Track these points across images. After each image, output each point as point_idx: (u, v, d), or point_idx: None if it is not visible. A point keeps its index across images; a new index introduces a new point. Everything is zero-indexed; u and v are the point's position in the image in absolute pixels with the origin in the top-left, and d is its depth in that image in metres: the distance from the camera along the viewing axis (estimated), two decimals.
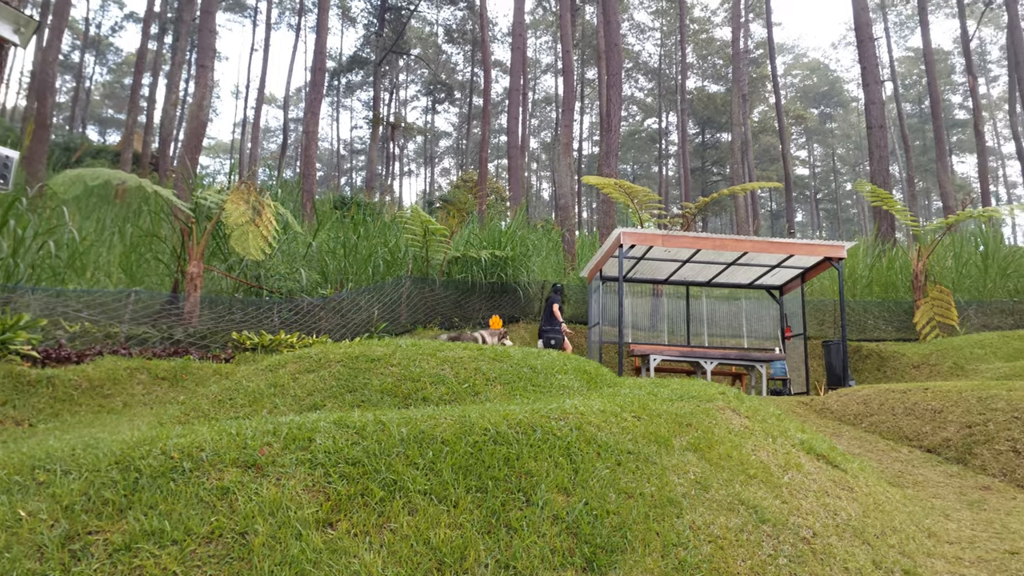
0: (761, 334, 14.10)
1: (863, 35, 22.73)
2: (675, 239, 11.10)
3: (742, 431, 5.35)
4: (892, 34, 56.78)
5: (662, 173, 56.01)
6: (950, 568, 4.64)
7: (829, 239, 25.52)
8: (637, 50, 54.87)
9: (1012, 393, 7.94)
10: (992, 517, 5.86)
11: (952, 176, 51.30)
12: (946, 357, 11.47)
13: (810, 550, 4.14)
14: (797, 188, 64.47)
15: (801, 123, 61.38)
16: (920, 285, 13.55)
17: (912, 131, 57.43)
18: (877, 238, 20.11)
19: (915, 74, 57.39)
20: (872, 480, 5.69)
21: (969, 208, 14.57)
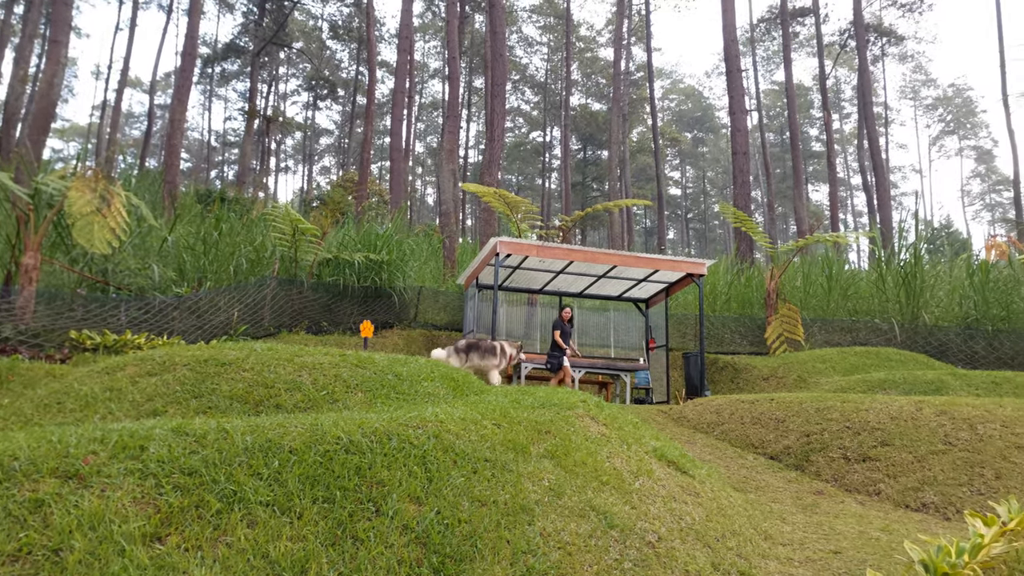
0: (628, 345, 14.67)
1: (732, 66, 24.26)
2: (549, 250, 11.35)
3: (599, 438, 5.49)
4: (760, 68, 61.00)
5: (545, 186, 57.20)
6: (781, 568, 4.96)
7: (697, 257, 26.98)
8: (525, 63, 55.88)
9: (845, 404, 8.65)
10: (822, 520, 6.33)
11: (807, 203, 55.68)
12: (792, 370, 12.37)
13: (654, 554, 4.30)
14: (670, 207, 67.77)
15: (676, 145, 64.68)
16: (772, 303, 14.57)
17: (774, 159, 61.84)
18: (737, 257, 21.46)
19: (779, 106, 61.82)
20: (718, 486, 6.00)
21: (817, 233, 15.84)
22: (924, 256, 25.14)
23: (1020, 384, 10.04)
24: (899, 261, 16.37)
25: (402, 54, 26.56)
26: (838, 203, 51.34)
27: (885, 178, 47.51)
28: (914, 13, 47.38)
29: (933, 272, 17.50)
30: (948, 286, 16.70)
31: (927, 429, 7.71)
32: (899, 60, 66.25)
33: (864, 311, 16.31)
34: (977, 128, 71.37)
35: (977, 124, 71.09)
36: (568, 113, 43.41)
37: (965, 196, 74.22)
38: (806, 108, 62.41)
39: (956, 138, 73.28)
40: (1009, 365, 13.47)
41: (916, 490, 7.12)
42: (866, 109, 37.59)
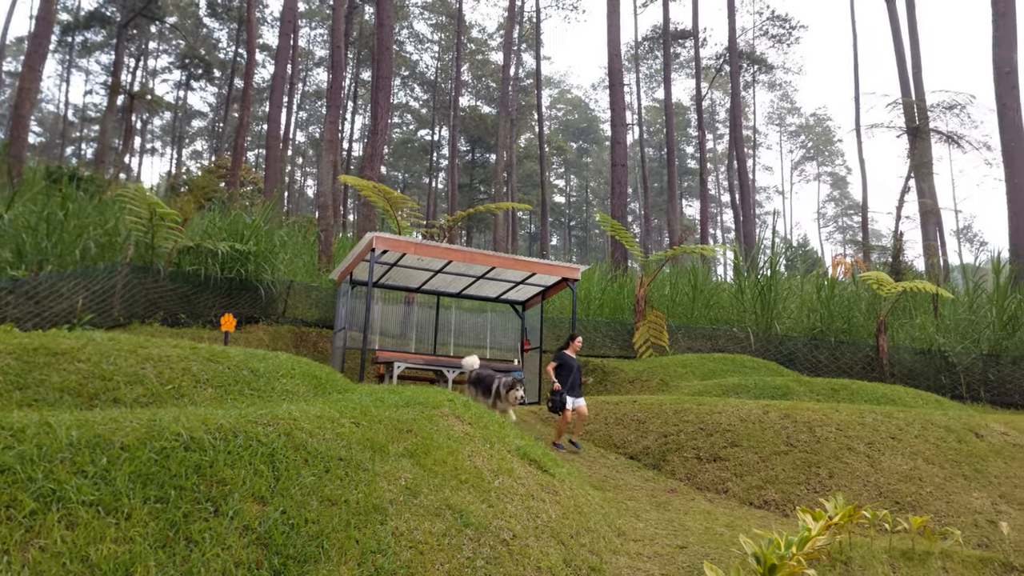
0: (504, 346, 14.81)
1: (615, 80, 25.11)
2: (427, 248, 11.25)
3: (462, 437, 5.47)
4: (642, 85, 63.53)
5: (432, 185, 56.87)
6: (631, 563, 5.13)
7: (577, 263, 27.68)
8: (415, 59, 55.35)
9: (701, 407, 9.11)
10: (673, 516, 6.63)
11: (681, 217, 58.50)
12: (656, 374, 12.93)
13: (508, 551, 4.32)
14: (554, 214, 69.27)
15: (562, 154, 66.18)
16: (641, 309, 15.18)
17: (652, 174, 64.55)
18: (612, 265, 22.21)
19: (659, 123, 64.65)
20: (576, 484, 6.14)
21: (684, 244, 16.67)
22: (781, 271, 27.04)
23: (855, 391, 10.97)
24: (757, 275, 17.50)
25: (284, 38, 25.58)
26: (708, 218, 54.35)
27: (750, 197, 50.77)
28: (783, 44, 50.99)
29: (786, 286, 18.84)
30: (799, 300, 18.03)
31: (772, 431, 8.26)
32: (768, 88, 71.07)
33: (724, 320, 17.31)
34: (834, 156, 77.71)
35: (834, 152, 77.40)
36: (457, 114, 43.40)
37: (821, 218, 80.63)
38: (684, 126, 65.68)
39: (815, 164, 79.45)
40: (848, 373, 14.69)
41: (760, 488, 7.61)
42: (736, 131, 40.00)
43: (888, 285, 14.19)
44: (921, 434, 8.05)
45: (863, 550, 5.06)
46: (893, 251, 22.88)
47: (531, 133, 56.35)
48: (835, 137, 75.07)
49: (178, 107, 55.47)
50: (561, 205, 74.26)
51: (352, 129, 51.60)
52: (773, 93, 72.40)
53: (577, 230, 76.31)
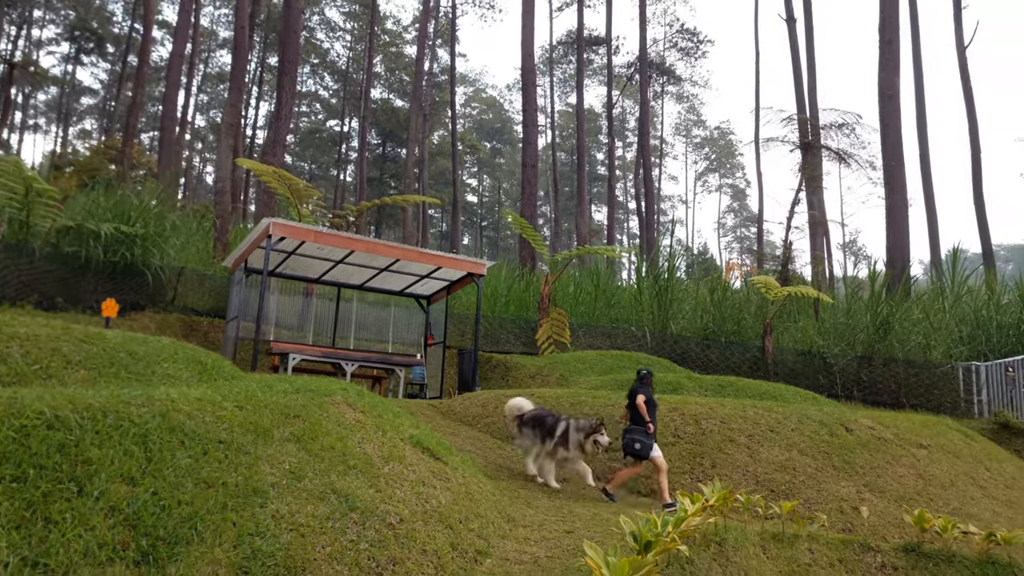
0: (407, 340, 14.70)
1: (528, 80, 25.43)
2: (328, 237, 11.01)
3: (354, 424, 5.41)
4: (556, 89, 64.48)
5: (340, 178, 55.66)
6: (518, 547, 5.22)
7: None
8: (326, 47, 54.04)
9: (596, 400, 9.36)
10: (564, 504, 6.78)
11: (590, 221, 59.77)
12: (556, 369, 13.18)
13: (393, 535, 4.31)
14: (465, 213, 69.28)
15: (475, 153, 66.28)
16: (545, 307, 15.44)
17: (563, 178, 65.57)
18: (520, 263, 22.47)
19: (571, 128, 65.74)
20: (470, 473, 6.19)
21: (589, 245, 17.06)
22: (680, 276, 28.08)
23: (741, 387, 11.54)
24: (656, 278, 18.12)
25: (184, 14, 24.42)
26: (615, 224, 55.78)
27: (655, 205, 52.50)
28: (691, 58, 53.02)
29: (683, 289, 19.61)
30: (694, 302, 18.81)
31: (662, 423, 8.58)
32: (676, 99, 73.66)
33: (624, 319, 17.84)
34: (735, 168, 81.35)
35: (735, 165, 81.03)
36: (368, 106, 42.67)
37: (721, 228, 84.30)
38: (595, 132, 67.08)
39: (718, 175, 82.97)
40: (736, 372, 15.41)
41: (647, 477, 7.89)
42: (644, 140, 41.26)
43: (775, 289, 15.01)
44: (797, 428, 8.56)
45: (736, 532, 5.33)
46: (782, 259, 24.19)
47: (444, 130, 56.14)
48: (736, 150, 78.60)
49: (66, 82, 51.85)
50: (473, 204, 74.36)
51: (256, 116, 49.87)
52: (681, 105, 75.11)
53: (489, 230, 76.59)
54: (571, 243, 62.50)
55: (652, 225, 39.87)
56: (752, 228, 76.86)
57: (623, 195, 73.81)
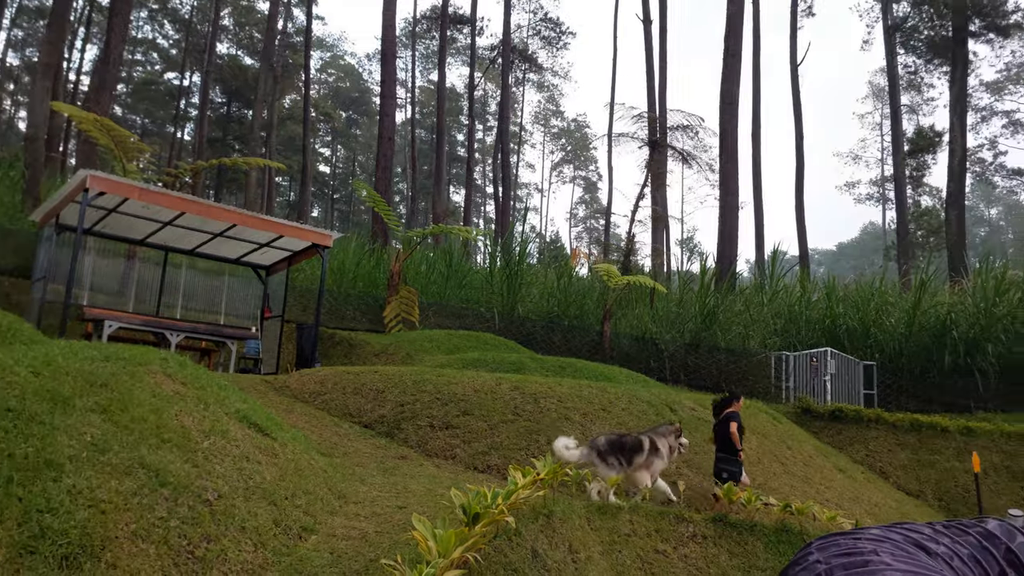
0: (242, 312, 13.89)
1: (388, 51, 24.78)
2: (155, 195, 10.08)
3: (172, 396, 5.02)
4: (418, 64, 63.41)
5: (178, 135, 51.57)
6: (347, 523, 5.09)
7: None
8: None
9: (440, 378, 9.33)
10: (398, 481, 6.70)
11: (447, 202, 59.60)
12: (402, 347, 13.02)
13: (210, 512, 4.04)
14: (317, 184, 66.66)
15: (329, 122, 63.85)
16: (395, 284, 15.19)
17: (422, 156, 64.86)
18: (371, 238, 21.94)
19: (432, 105, 64.95)
20: (300, 449, 5.94)
21: (442, 224, 16.96)
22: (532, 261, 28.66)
23: (579, 368, 11.99)
24: (509, 262, 18.39)
25: None
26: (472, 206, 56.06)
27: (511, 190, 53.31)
28: (553, 47, 54.17)
29: (532, 274, 20.07)
30: (542, 287, 19.31)
31: (502, 402, 8.72)
32: (538, 88, 74.95)
33: (475, 300, 17.99)
34: (589, 161, 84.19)
35: (589, 158, 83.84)
36: (213, 60, 39.77)
37: (573, 218, 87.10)
38: (456, 112, 66.76)
39: (572, 167, 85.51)
40: (577, 354, 16.01)
41: (485, 454, 7.98)
42: (504, 125, 41.63)
43: (616, 278, 15.72)
44: (628, 407, 9.01)
45: (564, 505, 5.52)
46: (625, 250, 25.40)
47: (297, 94, 53.56)
48: (591, 143, 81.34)
49: None
50: (325, 175, 71.72)
51: (82, 60, 45.01)
52: (541, 94, 76.57)
53: (341, 203, 74.30)
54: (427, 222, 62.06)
55: (508, 210, 40.47)
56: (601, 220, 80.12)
57: (481, 178, 74.21)
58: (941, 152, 36.09)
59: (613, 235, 55.52)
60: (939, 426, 12.49)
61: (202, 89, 40.46)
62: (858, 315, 16.88)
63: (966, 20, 32.56)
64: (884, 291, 18.13)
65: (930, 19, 35.08)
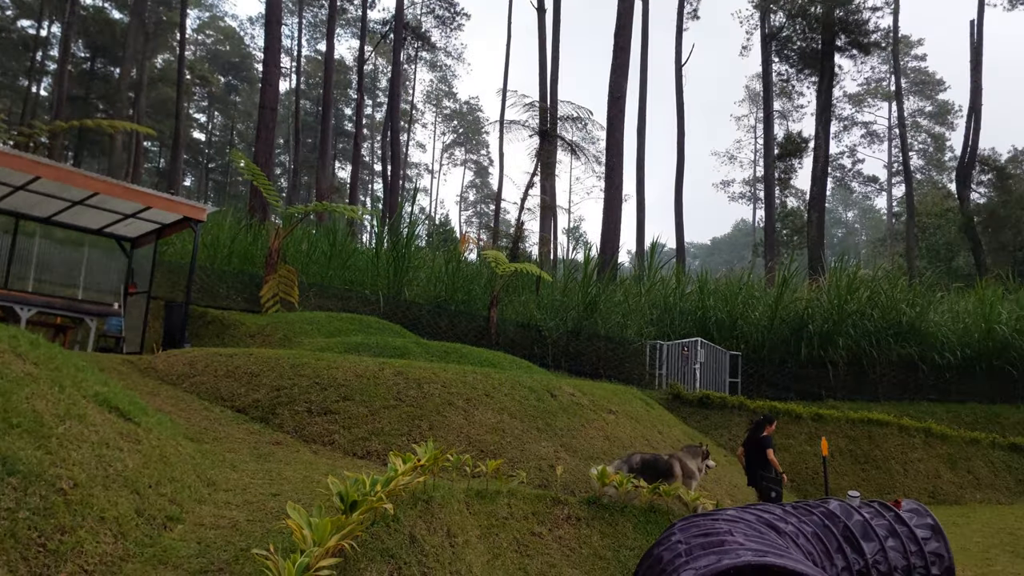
0: (103, 287, 12.85)
1: (272, 16, 23.62)
2: (5, 157, 9.16)
3: (23, 378, 4.62)
4: (305, 32, 60.97)
5: (33, 90, 46.95)
6: (216, 511, 4.88)
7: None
8: None
9: (319, 362, 9.09)
10: (273, 467, 6.49)
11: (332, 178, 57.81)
12: (280, 329, 12.56)
13: (64, 501, 3.77)
14: (191, 152, 62.84)
15: (206, 86, 60.24)
16: (273, 262, 14.59)
17: (306, 128, 62.49)
18: (249, 213, 20.97)
19: (318, 76, 62.56)
20: (166, 435, 5.63)
21: (328, 202, 16.46)
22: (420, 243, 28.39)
23: (464, 354, 12.03)
24: (396, 243, 18.11)
25: None
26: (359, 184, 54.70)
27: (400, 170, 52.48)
28: (447, 27, 53.52)
29: (419, 257, 19.89)
30: (430, 271, 19.19)
31: (385, 387, 8.62)
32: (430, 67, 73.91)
33: (359, 282, 17.61)
34: (480, 146, 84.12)
35: (481, 142, 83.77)
36: (76, 11, 36.40)
37: (463, 202, 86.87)
38: (345, 86, 64.73)
39: (464, 150, 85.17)
40: (463, 340, 16.06)
41: (365, 440, 7.88)
42: (395, 102, 40.82)
43: (503, 264, 15.88)
44: (510, 393, 9.14)
45: (444, 490, 5.55)
46: (513, 237, 25.69)
47: (171, 54, 50.12)
48: (483, 128, 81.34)
49: None
50: (200, 143, 67.74)
51: None
52: (434, 74, 75.62)
53: (217, 173, 70.43)
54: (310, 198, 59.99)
55: (396, 190, 39.84)
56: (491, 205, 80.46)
57: (369, 155, 72.59)
58: (807, 157, 38.87)
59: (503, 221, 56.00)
60: (793, 412, 13.55)
61: (63, 41, 36.98)
62: (726, 308, 17.94)
63: (834, 35, 35.13)
64: (751, 286, 19.37)
65: (802, 31, 37.53)
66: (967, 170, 38.24)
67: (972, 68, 37.22)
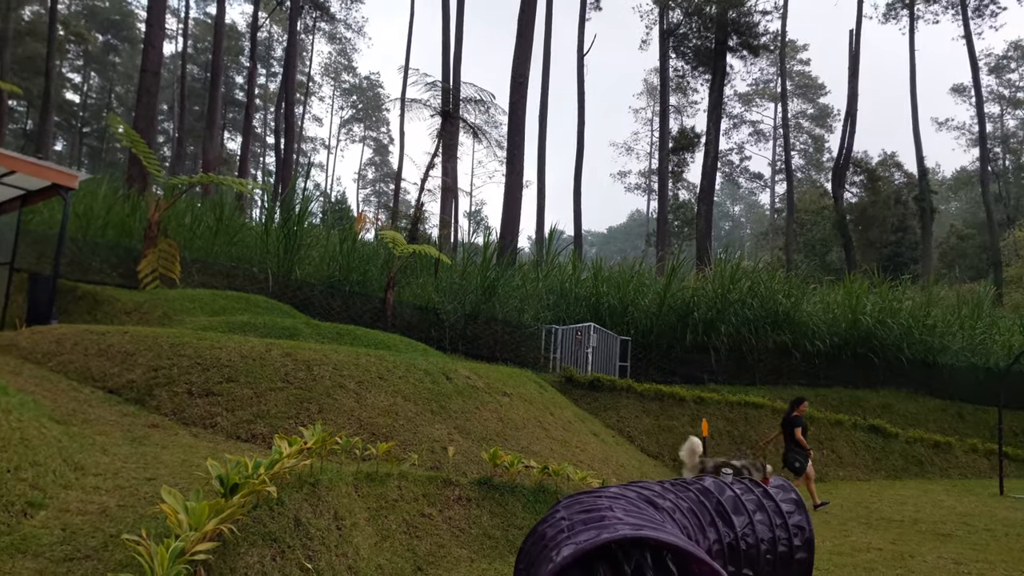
0: None
1: None
2: None
3: None
4: None
5: None
6: (84, 496, 4.58)
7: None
8: None
9: (201, 342, 8.66)
10: (149, 451, 6.15)
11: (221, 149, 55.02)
12: (159, 307, 11.86)
13: None
14: (63, 114, 58.07)
15: (82, 44, 55.77)
16: (153, 235, 13.72)
17: (194, 95, 59.14)
18: (126, 183, 19.64)
19: (208, 40, 59.12)
20: (29, 417, 5.22)
21: (212, 174, 15.63)
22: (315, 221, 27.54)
23: (358, 336, 11.81)
24: (288, 220, 17.45)
25: None
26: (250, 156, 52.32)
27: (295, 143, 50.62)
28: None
29: (313, 235, 19.30)
30: (323, 249, 18.64)
31: (272, 368, 8.33)
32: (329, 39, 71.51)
33: (247, 259, 16.88)
34: (380, 123, 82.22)
35: (381, 120, 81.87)
36: None
37: (361, 180, 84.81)
38: (236, 53, 61.58)
39: (363, 126, 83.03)
40: (357, 322, 15.74)
41: (250, 423, 7.59)
42: (290, 72, 39.28)
43: (401, 246, 15.66)
44: (404, 376, 9.06)
45: (332, 473, 5.44)
46: (412, 218, 25.39)
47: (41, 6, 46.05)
48: (384, 105, 79.62)
49: None
50: (73, 104, 62.75)
51: None
52: (332, 46, 73.30)
53: (92, 138, 65.54)
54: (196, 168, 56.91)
55: (290, 164, 38.44)
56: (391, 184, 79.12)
57: (262, 127, 69.58)
58: (699, 152, 40.57)
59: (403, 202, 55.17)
60: (678, 395, 14.17)
61: None
62: (619, 295, 18.49)
63: (727, 35, 36.71)
64: (642, 274, 20.04)
65: (698, 29, 39.01)
66: (842, 171, 41.08)
67: (850, 75, 39.92)
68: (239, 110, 61.42)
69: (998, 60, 61.20)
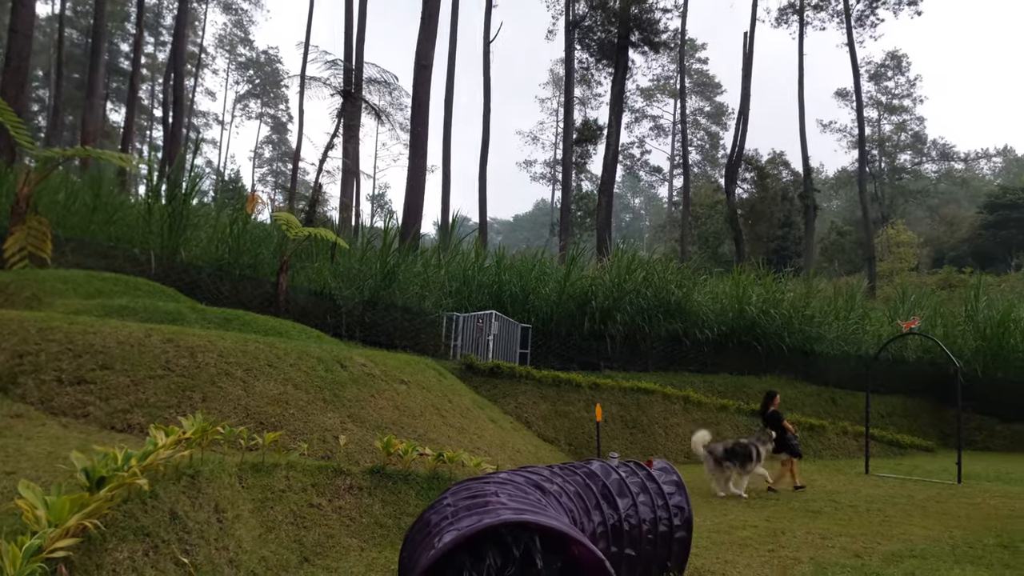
0: None
1: None
2: None
3: None
4: None
5: None
6: None
7: None
8: None
9: (73, 326, 8.10)
10: (11, 442, 5.71)
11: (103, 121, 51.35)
12: (27, 288, 10.98)
13: None
14: None
15: None
16: (21, 211, 12.64)
17: (73, 61, 54.98)
18: None
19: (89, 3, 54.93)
20: None
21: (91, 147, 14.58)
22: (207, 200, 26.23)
23: (248, 322, 11.36)
24: (173, 198, 16.51)
25: None
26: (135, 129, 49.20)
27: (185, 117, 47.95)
28: None
29: (201, 214, 18.39)
30: (212, 231, 17.78)
31: (151, 355, 7.89)
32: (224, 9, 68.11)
33: (128, 239, 15.87)
34: (279, 100, 78.98)
35: (279, 96, 78.65)
36: None
37: (257, 158, 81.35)
38: (122, 19, 57.56)
39: (260, 103, 79.57)
40: (248, 307, 15.04)
41: (126, 412, 7.17)
42: (180, 42, 37.18)
43: (296, 228, 15.16)
44: (296, 363, 8.79)
45: (213, 464, 5.22)
46: (310, 200, 24.67)
47: None
48: (282, 81, 76.68)
49: None
50: None
51: None
52: (228, 16, 69.89)
53: None
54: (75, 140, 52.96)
55: (178, 139, 36.41)
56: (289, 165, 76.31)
57: (149, 99, 65.55)
58: (601, 144, 41.37)
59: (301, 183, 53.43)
60: (574, 382, 14.48)
61: None
62: (521, 282, 18.66)
63: (629, 30, 37.56)
64: (544, 263, 20.30)
65: (602, 23, 39.73)
66: (734, 167, 43.02)
67: (744, 75, 41.79)
68: (123, 80, 57.50)
69: (877, 68, 65.74)
